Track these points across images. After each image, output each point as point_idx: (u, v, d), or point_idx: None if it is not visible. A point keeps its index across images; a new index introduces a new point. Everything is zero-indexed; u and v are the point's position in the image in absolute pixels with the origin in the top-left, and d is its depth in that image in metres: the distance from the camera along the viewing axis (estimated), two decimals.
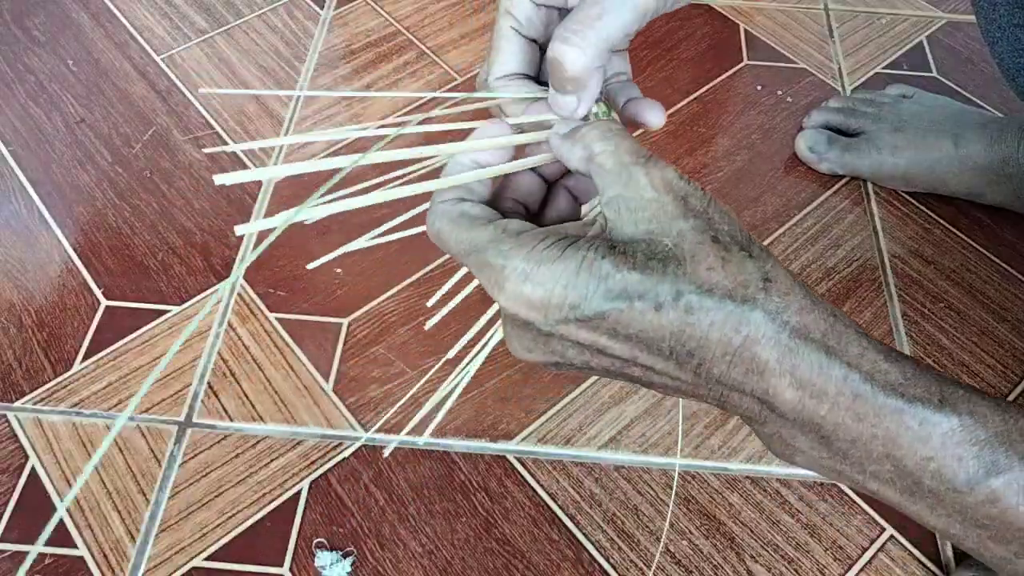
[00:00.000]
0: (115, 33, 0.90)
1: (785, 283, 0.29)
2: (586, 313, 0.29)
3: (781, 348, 0.28)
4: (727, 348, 0.29)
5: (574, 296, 0.29)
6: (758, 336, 0.28)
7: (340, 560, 0.56)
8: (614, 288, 0.29)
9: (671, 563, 0.57)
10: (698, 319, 0.29)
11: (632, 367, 0.31)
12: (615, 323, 0.29)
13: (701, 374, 0.30)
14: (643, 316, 0.29)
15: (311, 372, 0.65)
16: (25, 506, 0.58)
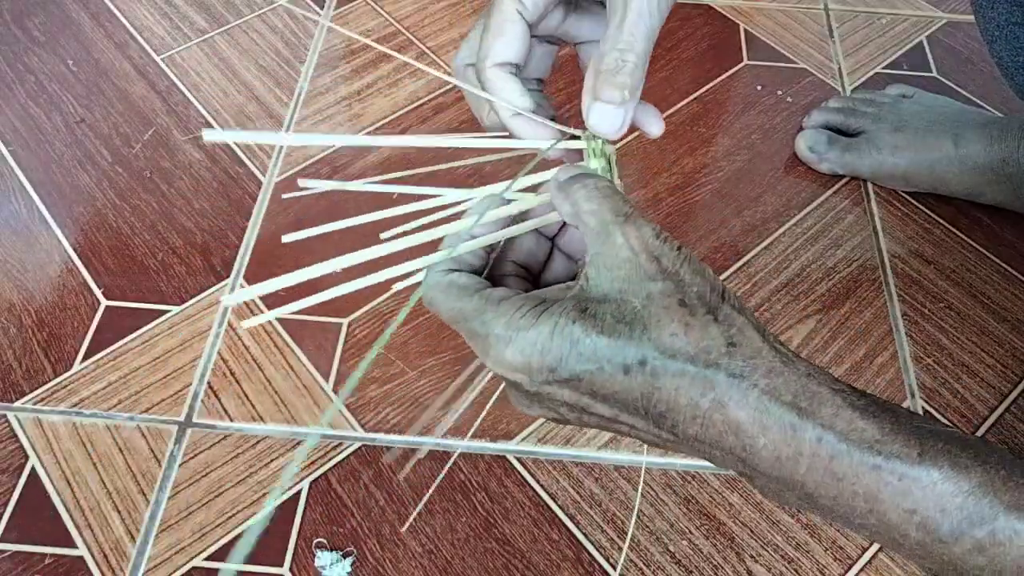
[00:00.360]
0: (115, 33, 0.90)
1: (751, 346, 0.30)
2: (563, 375, 0.31)
3: (750, 409, 0.29)
4: (695, 411, 0.30)
5: (550, 359, 0.31)
6: (725, 399, 0.29)
7: (340, 560, 0.56)
8: (584, 352, 0.30)
9: (671, 563, 0.57)
10: (664, 383, 0.30)
11: (618, 424, 0.32)
12: (591, 385, 0.31)
13: (678, 434, 0.30)
14: (613, 379, 0.30)
15: (311, 372, 0.65)
16: (25, 506, 0.58)
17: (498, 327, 0.31)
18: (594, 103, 0.36)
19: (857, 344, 0.68)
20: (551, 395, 0.32)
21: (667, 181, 0.78)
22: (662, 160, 0.80)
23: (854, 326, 0.69)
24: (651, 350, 0.30)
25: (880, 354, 0.67)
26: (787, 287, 0.71)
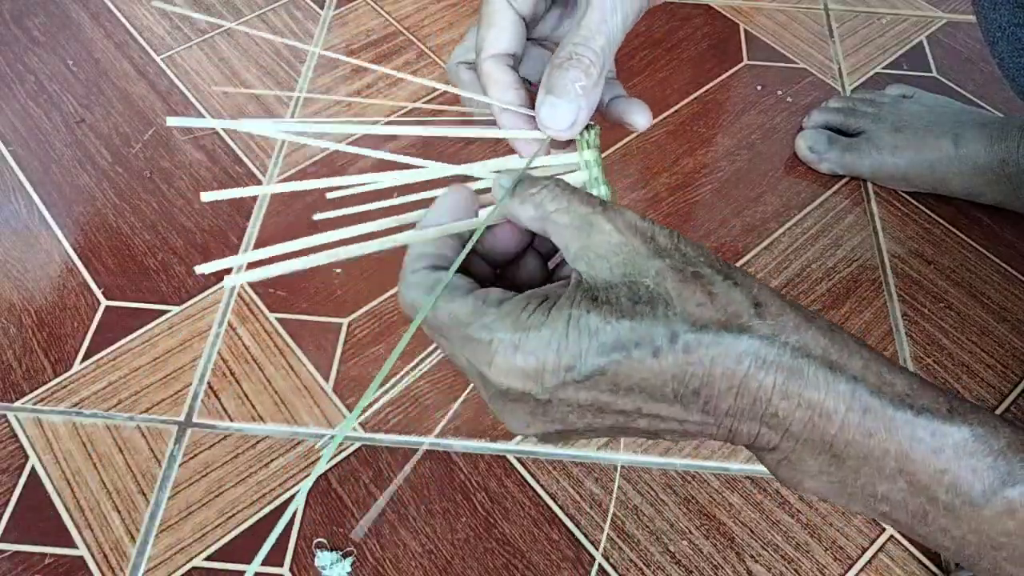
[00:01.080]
0: (115, 33, 0.90)
1: (776, 304, 0.29)
2: (583, 372, 0.28)
3: (785, 371, 0.28)
4: (732, 381, 0.28)
5: (568, 358, 0.28)
6: (760, 362, 0.28)
7: (340, 560, 0.56)
8: (607, 341, 0.28)
9: (671, 563, 0.57)
10: (698, 357, 0.28)
11: (638, 419, 0.30)
12: (614, 377, 0.28)
13: (709, 411, 0.29)
14: (642, 364, 0.28)
15: (311, 372, 0.65)
16: (25, 506, 0.58)
17: (503, 331, 0.29)
18: (545, 97, 0.34)
19: None
20: (564, 400, 0.29)
21: (667, 181, 0.78)
22: (662, 160, 0.80)
23: (854, 326, 0.69)
24: (680, 324, 0.28)
25: None
26: (787, 287, 0.71)
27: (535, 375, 0.29)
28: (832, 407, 0.28)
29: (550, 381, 0.29)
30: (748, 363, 0.28)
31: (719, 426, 0.29)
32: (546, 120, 0.34)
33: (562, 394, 0.29)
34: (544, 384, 0.29)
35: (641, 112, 0.38)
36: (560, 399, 0.29)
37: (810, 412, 0.28)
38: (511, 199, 0.32)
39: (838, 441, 0.28)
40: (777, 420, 0.28)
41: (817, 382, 0.28)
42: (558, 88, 0.34)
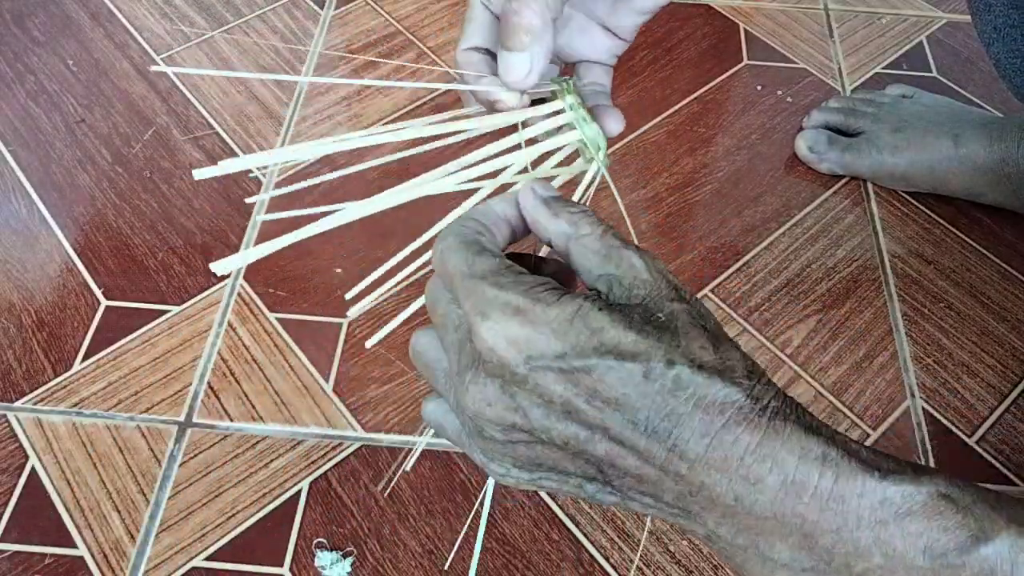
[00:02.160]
0: (115, 33, 0.90)
1: (763, 375, 0.30)
2: (573, 364, 0.28)
3: (763, 431, 0.28)
4: (708, 428, 0.28)
5: (562, 345, 0.28)
6: (742, 417, 0.28)
7: (340, 560, 0.56)
8: (607, 343, 0.28)
9: (671, 563, 0.57)
10: (684, 395, 0.28)
11: (598, 443, 0.29)
12: (598, 381, 0.28)
13: (676, 455, 0.28)
14: (630, 378, 0.28)
15: (311, 372, 0.65)
16: (25, 506, 0.58)
17: (512, 293, 0.29)
18: (500, 53, 0.34)
19: (857, 344, 0.68)
20: (539, 386, 0.29)
21: (667, 181, 0.78)
22: (662, 160, 0.80)
23: (854, 326, 0.69)
24: (680, 357, 0.28)
25: (880, 354, 0.67)
26: (787, 287, 0.71)
27: (524, 346, 0.28)
28: (805, 473, 0.27)
29: (536, 359, 0.28)
30: (729, 415, 0.28)
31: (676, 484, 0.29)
32: (504, 74, 0.34)
33: (540, 378, 0.28)
34: (529, 358, 0.28)
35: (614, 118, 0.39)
36: (536, 383, 0.29)
37: (783, 477, 0.28)
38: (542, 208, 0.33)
39: (810, 512, 0.27)
40: (747, 487, 0.28)
41: (791, 445, 0.28)
42: (508, 41, 0.34)
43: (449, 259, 0.31)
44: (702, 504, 0.29)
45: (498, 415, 0.30)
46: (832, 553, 0.28)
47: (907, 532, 0.27)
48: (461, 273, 0.31)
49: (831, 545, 0.28)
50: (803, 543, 0.28)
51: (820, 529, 0.28)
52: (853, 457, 0.28)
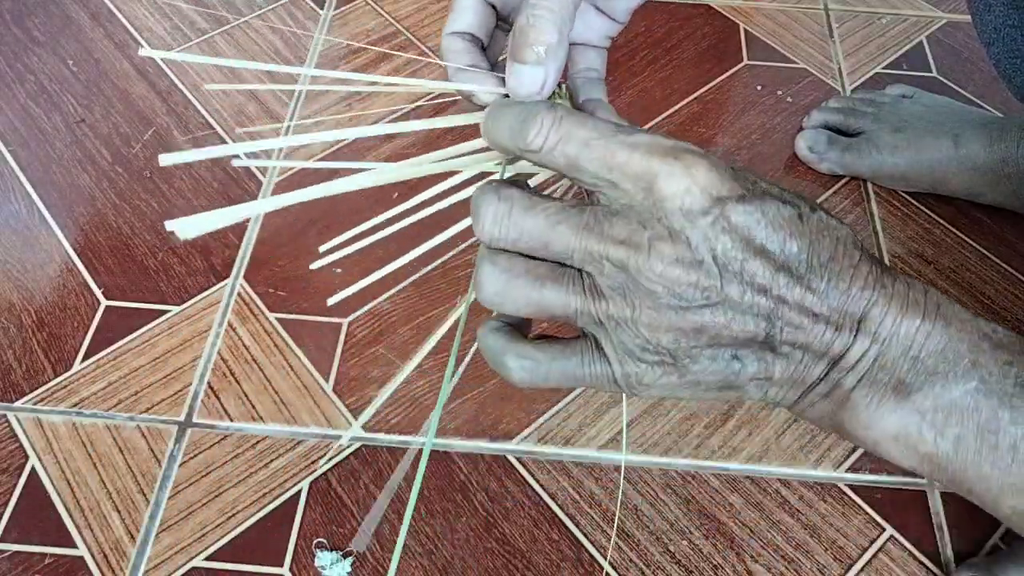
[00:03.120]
0: (115, 33, 0.90)
1: None
2: (754, 202, 0.29)
3: (877, 266, 0.31)
4: (852, 261, 0.31)
5: (741, 185, 0.30)
6: (864, 254, 0.31)
7: (340, 560, 0.56)
8: (765, 190, 0.30)
9: (671, 563, 0.57)
10: (829, 233, 0.30)
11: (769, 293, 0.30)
12: (770, 223, 0.30)
13: (831, 288, 0.30)
14: (791, 221, 0.30)
15: (311, 372, 0.65)
16: (25, 506, 0.58)
17: (688, 144, 0.30)
18: (511, 65, 0.34)
19: None
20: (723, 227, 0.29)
21: None
22: None
23: None
24: (815, 204, 0.31)
25: None
26: None
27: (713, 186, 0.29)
28: (915, 298, 0.31)
29: (724, 199, 0.29)
30: (860, 252, 0.31)
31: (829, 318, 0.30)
32: (515, 88, 0.34)
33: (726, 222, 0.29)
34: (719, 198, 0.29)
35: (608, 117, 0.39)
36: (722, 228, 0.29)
37: (901, 302, 0.31)
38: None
39: (920, 332, 0.30)
40: (876, 311, 0.30)
41: (901, 278, 0.31)
42: (521, 54, 0.33)
43: (578, 125, 0.31)
44: (844, 340, 0.31)
45: (685, 272, 0.30)
46: (935, 375, 0.31)
47: (1001, 359, 0.30)
48: (609, 131, 0.30)
49: (934, 365, 0.31)
50: (910, 365, 0.31)
51: (926, 350, 0.31)
52: (949, 298, 0.32)
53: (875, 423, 0.31)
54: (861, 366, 0.31)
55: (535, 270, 0.32)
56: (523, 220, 0.31)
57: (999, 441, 0.30)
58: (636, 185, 0.30)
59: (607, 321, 0.31)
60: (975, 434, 0.30)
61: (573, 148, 0.30)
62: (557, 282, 0.31)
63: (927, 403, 0.30)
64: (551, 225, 0.31)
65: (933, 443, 0.31)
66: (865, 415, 0.31)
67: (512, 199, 0.31)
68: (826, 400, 0.32)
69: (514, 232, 0.31)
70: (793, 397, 0.33)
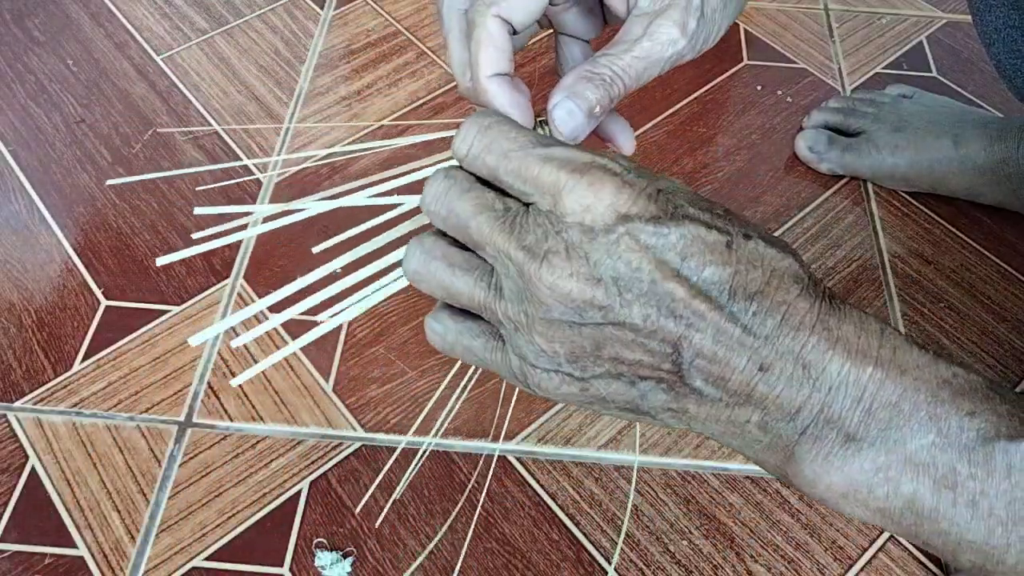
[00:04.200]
0: (115, 33, 0.90)
1: None
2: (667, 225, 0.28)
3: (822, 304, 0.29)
4: (784, 298, 0.29)
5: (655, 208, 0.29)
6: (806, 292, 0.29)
7: (340, 560, 0.56)
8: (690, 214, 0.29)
9: (671, 563, 0.57)
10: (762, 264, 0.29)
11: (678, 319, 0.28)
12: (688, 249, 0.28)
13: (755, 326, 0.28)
14: (715, 247, 0.29)
15: (311, 372, 0.65)
16: (25, 506, 0.58)
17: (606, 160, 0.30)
18: (567, 100, 0.34)
19: None
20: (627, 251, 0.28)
21: None
22: (662, 160, 0.80)
23: None
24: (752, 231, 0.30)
25: None
26: None
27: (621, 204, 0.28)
28: (867, 343, 0.29)
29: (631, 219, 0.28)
30: (801, 287, 0.29)
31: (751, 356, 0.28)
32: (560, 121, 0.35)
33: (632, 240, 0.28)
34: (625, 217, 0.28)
35: (628, 136, 0.39)
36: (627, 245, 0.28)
37: (846, 348, 0.28)
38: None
39: (873, 381, 0.28)
40: (816, 355, 0.28)
41: (851, 318, 0.29)
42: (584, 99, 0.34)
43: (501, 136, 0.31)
44: (770, 383, 0.29)
45: (578, 288, 0.29)
46: (888, 428, 0.28)
47: (962, 410, 0.28)
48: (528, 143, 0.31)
49: (888, 419, 0.28)
50: (861, 417, 0.29)
51: (879, 402, 0.28)
52: (906, 336, 0.29)
53: (821, 479, 0.29)
54: (803, 417, 0.29)
55: (451, 256, 0.32)
56: (455, 202, 0.31)
57: (956, 497, 0.28)
58: (544, 198, 0.30)
59: (505, 321, 0.31)
60: (931, 490, 0.28)
61: (492, 159, 0.31)
62: (468, 272, 0.32)
63: (880, 459, 0.28)
64: (474, 213, 0.31)
65: (885, 499, 0.29)
66: (810, 471, 0.29)
67: (454, 180, 0.32)
68: (770, 451, 0.30)
69: (444, 210, 0.32)
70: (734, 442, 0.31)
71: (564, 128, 0.35)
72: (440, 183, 0.32)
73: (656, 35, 0.35)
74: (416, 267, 0.33)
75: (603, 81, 0.35)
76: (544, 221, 0.29)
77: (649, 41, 0.35)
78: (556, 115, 0.34)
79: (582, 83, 0.34)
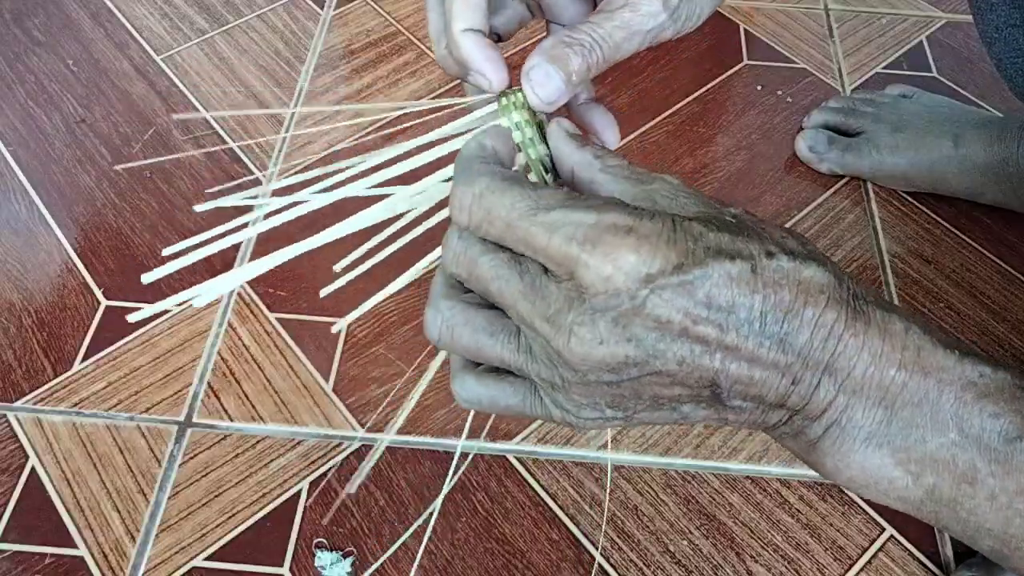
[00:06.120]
0: (115, 33, 0.90)
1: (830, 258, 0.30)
2: (692, 273, 0.27)
3: (850, 309, 0.28)
4: (814, 313, 0.28)
5: (677, 255, 0.27)
6: (835, 298, 0.28)
7: (340, 560, 0.56)
8: (712, 246, 0.27)
9: (671, 563, 0.57)
10: (788, 282, 0.28)
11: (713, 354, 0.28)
12: (713, 286, 0.27)
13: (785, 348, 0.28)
14: (741, 276, 0.27)
15: (311, 372, 0.65)
16: (25, 506, 0.58)
17: (615, 213, 0.27)
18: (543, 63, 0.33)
19: None
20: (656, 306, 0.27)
21: None
22: (662, 160, 0.80)
23: None
24: (774, 247, 0.28)
25: None
26: None
27: (644, 264, 0.27)
28: (891, 347, 0.28)
29: (656, 277, 0.27)
30: (826, 299, 0.28)
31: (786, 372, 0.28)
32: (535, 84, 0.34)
33: (660, 297, 0.27)
34: (648, 276, 0.27)
35: (612, 130, 0.38)
36: (654, 304, 0.27)
37: (872, 354, 0.28)
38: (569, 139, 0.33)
39: (894, 385, 0.28)
40: (843, 361, 0.28)
41: (877, 322, 0.28)
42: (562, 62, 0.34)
43: (499, 201, 0.29)
44: (801, 393, 0.29)
45: (611, 352, 0.28)
46: (910, 427, 0.29)
47: (985, 411, 0.28)
48: (527, 209, 0.28)
49: (910, 418, 0.29)
50: (883, 417, 0.29)
51: (902, 401, 0.28)
52: (932, 334, 0.29)
53: (843, 469, 0.30)
54: (828, 416, 0.29)
55: (473, 320, 0.31)
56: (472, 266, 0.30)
57: (976, 492, 0.29)
58: (560, 269, 0.28)
59: (540, 382, 0.31)
60: (951, 484, 0.29)
61: (496, 230, 0.29)
62: (493, 336, 0.31)
63: (900, 454, 0.29)
64: (492, 278, 0.30)
65: (905, 488, 0.29)
66: (831, 462, 0.30)
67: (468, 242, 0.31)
68: (794, 440, 0.31)
69: (464, 272, 0.31)
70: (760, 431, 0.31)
71: (541, 91, 0.34)
72: (454, 244, 0.31)
73: (638, 6, 0.35)
74: (437, 336, 0.32)
75: (582, 47, 0.34)
76: (565, 289, 0.28)
77: (630, 12, 0.35)
78: (534, 76, 0.34)
79: (561, 47, 0.34)
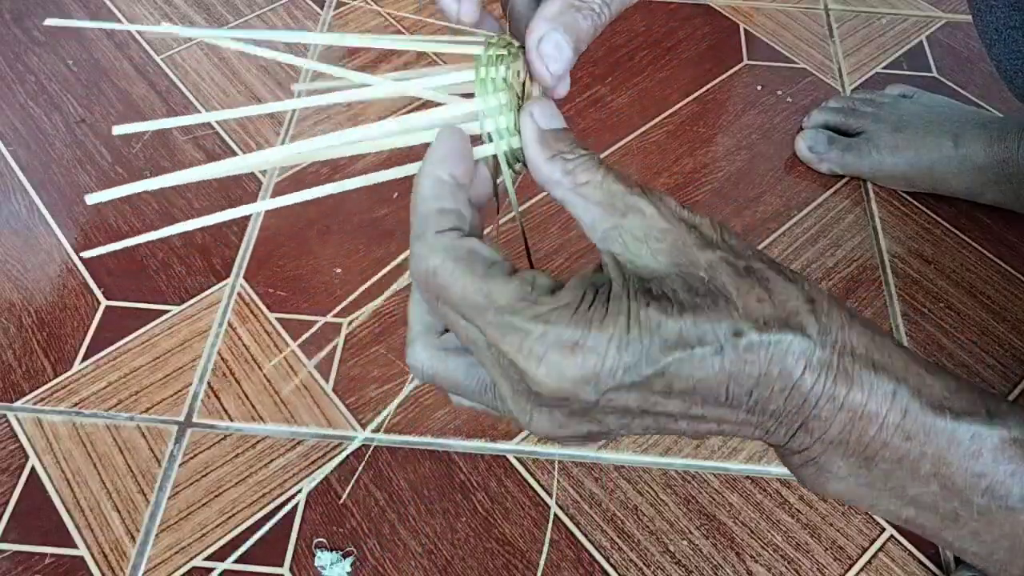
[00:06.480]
0: (115, 33, 0.90)
1: (825, 299, 0.28)
2: (643, 373, 0.26)
3: (833, 372, 0.27)
4: (786, 382, 0.27)
5: (629, 357, 0.26)
6: (813, 365, 0.27)
7: (340, 560, 0.56)
8: (670, 338, 0.26)
9: (671, 563, 0.57)
10: (758, 357, 0.26)
11: (679, 421, 0.28)
12: (672, 377, 0.26)
13: (755, 412, 0.28)
14: (703, 362, 0.26)
15: (311, 372, 0.65)
16: (25, 506, 0.58)
17: (562, 325, 0.26)
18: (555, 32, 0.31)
19: None
20: (612, 403, 0.27)
21: (667, 181, 0.78)
22: (662, 160, 0.80)
23: None
24: (743, 321, 0.26)
25: None
26: None
27: (592, 377, 0.26)
28: (874, 410, 0.27)
29: (606, 383, 0.26)
30: (803, 365, 0.27)
31: (757, 426, 0.28)
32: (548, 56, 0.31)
33: (613, 396, 0.27)
34: (599, 387, 0.26)
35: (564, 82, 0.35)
36: (608, 401, 0.27)
37: (851, 415, 0.27)
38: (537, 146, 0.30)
39: (874, 443, 0.27)
40: (818, 423, 0.27)
41: (862, 383, 0.27)
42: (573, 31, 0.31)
43: (450, 286, 0.28)
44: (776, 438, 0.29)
45: (572, 430, 0.28)
46: (889, 476, 0.28)
47: (970, 472, 0.27)
48: (477, 305, 0.27)
49: (890, 471, 0.28)
50: (862, 464, 0.28)
51: (881, 457, 0.28)
52: (924, 395, 0.27)
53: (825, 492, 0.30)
54: (805, 455, 0.29)
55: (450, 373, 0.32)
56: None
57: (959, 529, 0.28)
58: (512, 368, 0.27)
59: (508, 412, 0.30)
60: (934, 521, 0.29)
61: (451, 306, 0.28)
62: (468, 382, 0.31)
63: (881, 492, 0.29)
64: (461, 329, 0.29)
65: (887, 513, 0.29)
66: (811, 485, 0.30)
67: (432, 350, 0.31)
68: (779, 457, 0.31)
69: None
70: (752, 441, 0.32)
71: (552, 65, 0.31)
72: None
73: None
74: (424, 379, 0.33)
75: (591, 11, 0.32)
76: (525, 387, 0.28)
77: None
78: (545, 49, 0.31)
79: (570, 12, 0.31)
